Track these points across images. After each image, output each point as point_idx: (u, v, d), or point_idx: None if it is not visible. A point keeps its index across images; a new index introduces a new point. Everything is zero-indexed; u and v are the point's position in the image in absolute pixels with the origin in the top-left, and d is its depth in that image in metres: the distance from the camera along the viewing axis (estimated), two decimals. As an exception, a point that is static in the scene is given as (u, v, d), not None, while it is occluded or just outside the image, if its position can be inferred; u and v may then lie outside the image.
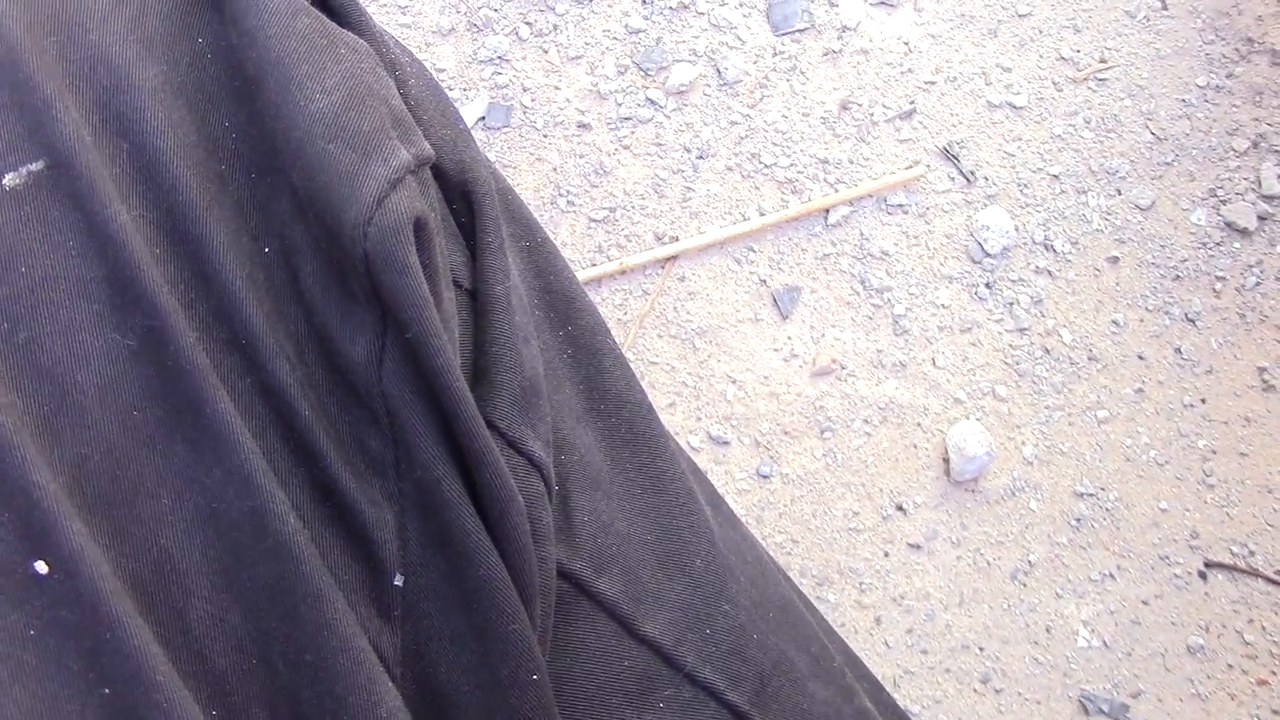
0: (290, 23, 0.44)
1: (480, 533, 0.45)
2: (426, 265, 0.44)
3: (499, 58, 1.30)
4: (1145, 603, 1.21)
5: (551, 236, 1.24)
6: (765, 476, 1.21)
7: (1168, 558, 1.22)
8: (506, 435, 0.47)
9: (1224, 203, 1.30)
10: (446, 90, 1.31)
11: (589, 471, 0.54)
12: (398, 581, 0.45)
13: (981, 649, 1.19)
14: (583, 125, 1.29)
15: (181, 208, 0.41)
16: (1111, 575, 1.22)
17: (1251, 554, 1.22)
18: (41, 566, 0.35)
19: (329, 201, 0.42)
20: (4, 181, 0.39)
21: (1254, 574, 1.22)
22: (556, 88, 1.29)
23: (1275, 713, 1.18)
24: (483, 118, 1.28)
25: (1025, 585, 1.21)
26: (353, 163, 0.42)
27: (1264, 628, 1.21)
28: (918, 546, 1.21)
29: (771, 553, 1.18)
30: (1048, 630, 1.20)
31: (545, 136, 1.28)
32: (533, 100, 1.29)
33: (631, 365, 0.64)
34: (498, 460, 0.45)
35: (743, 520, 0.68)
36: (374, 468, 0.44)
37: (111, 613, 0.36)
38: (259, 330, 0.42)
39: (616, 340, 0.61)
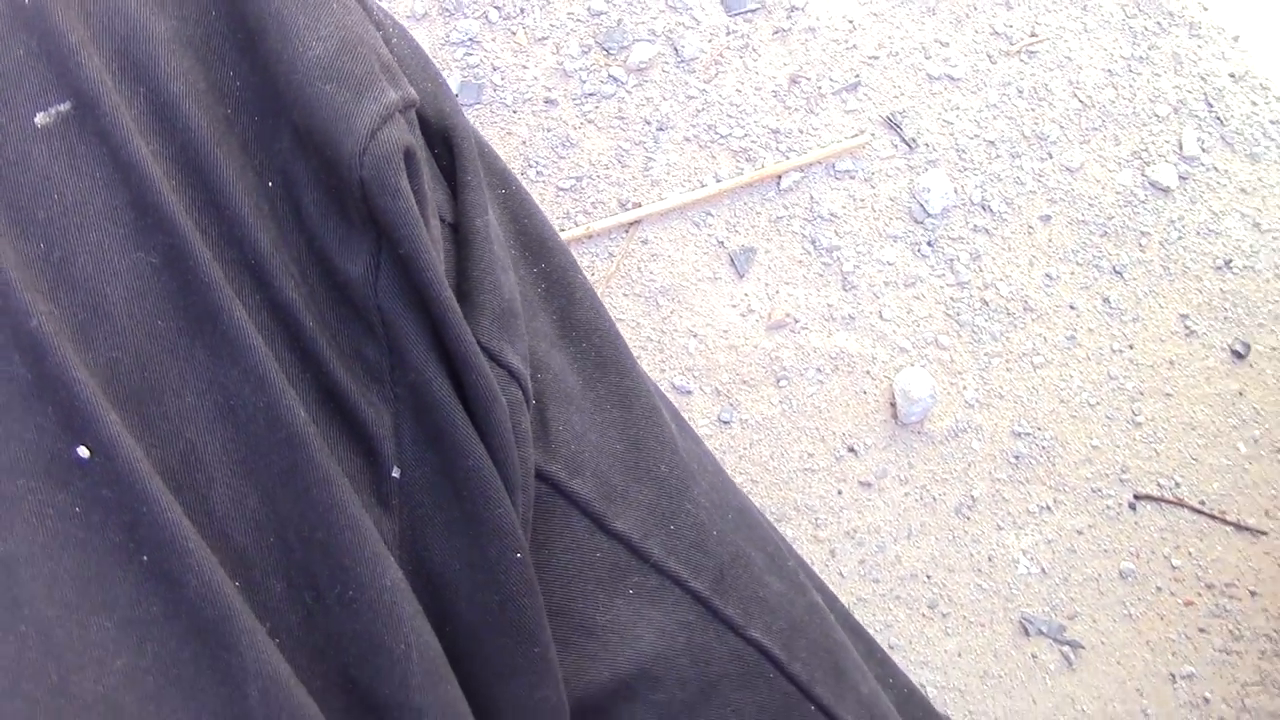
0: None
1: (468, 427, 0.47)
2: (415, 191, 0.46)
3: (470, 40, 1.34)
4: (1080, 532, 1.27)
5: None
6: (726, 422, 1.27)
7: (1100, 491, 1.29)
8: (488, 349, 0.49)
9: (1147, 164, 1.38)
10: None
11: (563, 388, 0.57)
12: (395, 474, 0.47)
13: (929, 577, 1.25)
14: (549, 101, 1.34)
15: (193, 144, 0.43)
16: (1048, 508, 1.28)
17: (1177, 486, 1.29)
18: (83, 451, 0.38)
19: (327, 135, 0.44)
20: (36, 120, 0.41)
21: (1179, 504, 1.29)
22: (524, 67, 1.34)
23: (1201, 630, 1.25)
24: (455, 95, 1.33)
25: (968, 518, 1.27)
26: (348, 100, 0.44)
27: (1189, 553, 1.28)
28: (868, 485, 1.27)
29: (732, 492, 1.24)
30: (990, 559, 1.26)
31: (514, 112, 1.33)
32: (502, 79, 1.34)
33: (573, 255, 0.67)
34: (482, 363, 0.48)
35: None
36: (371, 374, 0.47)
37: (147, 490, 0.38)
38: (265, 252, 0.44)
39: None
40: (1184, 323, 1.34)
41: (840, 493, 1.26)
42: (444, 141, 0.52)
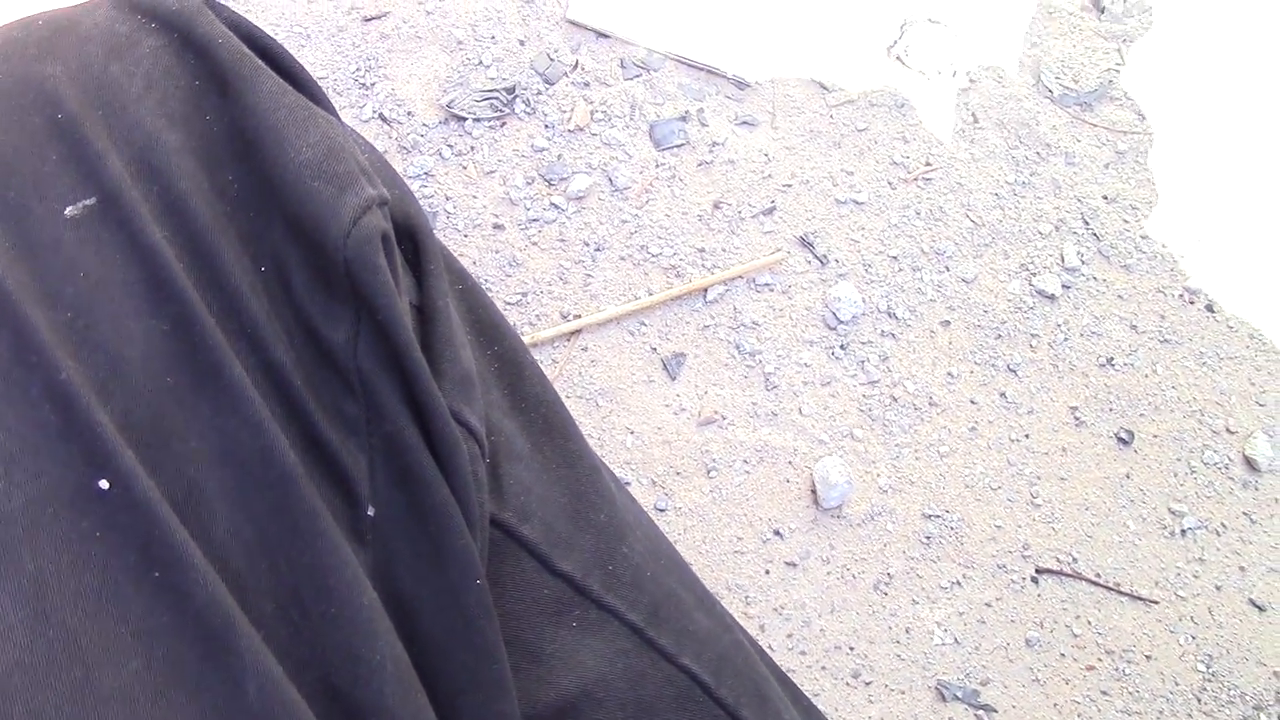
0: (281, 98, 0.52)
1: (434, 469, 0.51)
2: (390, 269, 0.51)
3: (425, 174, 1.46)
4: (988, 605, 1.36)
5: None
6: (661, 510, 1.35)
7: (1005, 566, 1.38)
8: (450, 408, 0.53)
9: (1034, 275, 1.52)
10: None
11: (513, 449, 0.62)
12: (370, 512, 0.51)
13: (851, 648, 1.32)
14: (497, 226, 1.46)
15: (199, 233, 0.48)
16: (958, 583, 1.37)
17: (1075, 560, 1.39)
18: (104, 484, 0.41)
19: (316, 224, 0.49)
20: (66, 212, 0.46)
21: (1078, 577, 1.39)
22: (475, 197, 1.46)
23: (1103, 693, 1.34)
24: None
25: (886, 594, 1.35)
26: (334, 194, 0.50)
27: (1089, 622, 1.37)
28: (793, 565, 1.34)
29: (669, 574, 1.32)
30: (907, 631, 1.34)
31: (466, 236, 1.44)
32: (454, 207, 1.46)
33: (523, 340, 0.76)
34: (447, 414, 0.52)
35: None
36: (349, 427, 0.51)
37: (158, 515, 0.41)
38: (260, 322, 0.48)
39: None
40: (1074, 414, 1.47)
41: (768, 572, 1.34)
42: (410, 237, 0.58)
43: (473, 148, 1.50)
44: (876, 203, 1.54)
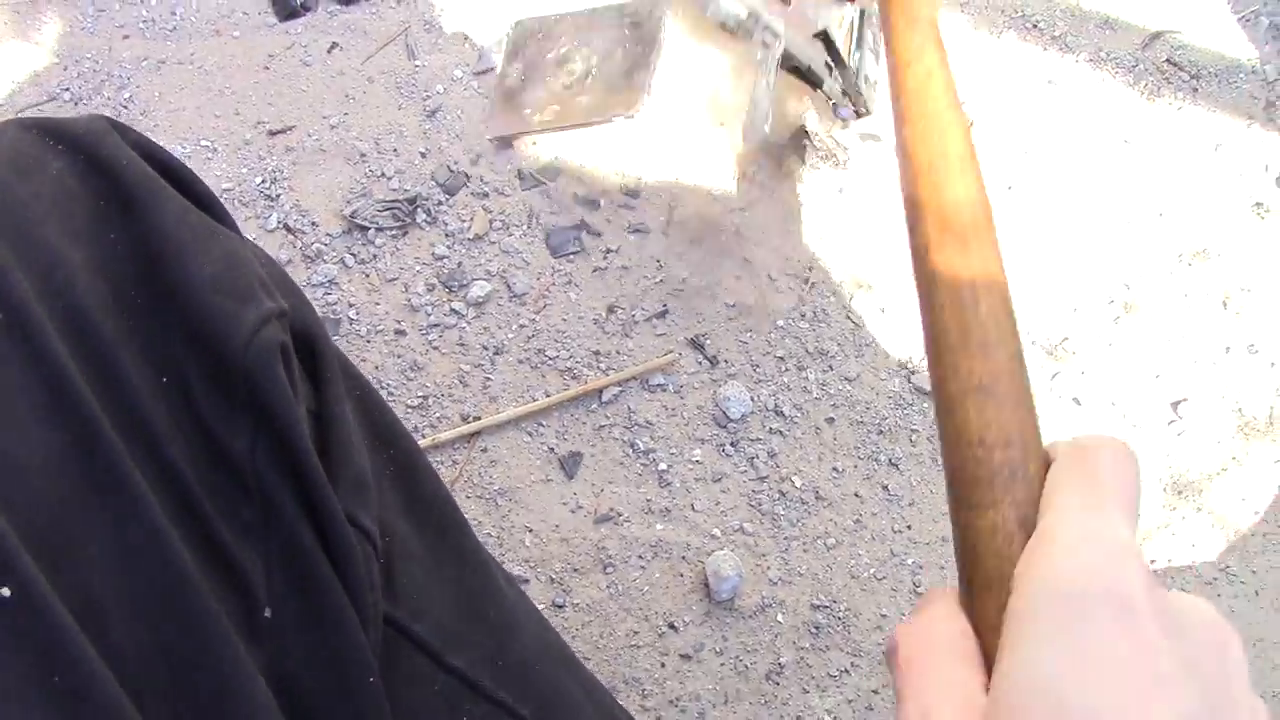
0: (184, 216, 0.54)
1: (329, 571, 0.53)
2: (289, 379, 0.52)
3: (330, 281, 1.50)
4: (875, 691, 1.40)
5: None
6: (560, 606, 1.38)
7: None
8: (345, 512, 0.55)
9: (912, 373, 1.59)
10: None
11: (407, 549, 0.63)
12: (266, 613, 0.52)
13: None
14: (399, 332, 1.49)
15: (101, 346, 0.48)
16: (847, 671, 1.41)
17: None
18: (5, 590, 0.40)
19: (217, 336, 0.50)
20: None
21: None
22: (377, 303, 1.50)
23: None
24: None
25: (778, 683, 1.39)
26: (234, 308, 0.51)
27: None
28: (688, 657, 1.38)
29: (567, 669, 1.35)
30: (798, 719, 1.40)
31: (368, 342, 1.48)
32: (357, 314, 1.49)
33: (417, 442, 0.79)
34: (342, 519, 0.54)
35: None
36: (246, 531, 0.52)
37: (58, 621, 0.41)
38: (160, 431, 0.49)
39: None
40: (952, 505, 1.53)
41: (664, 665, 1.38)
42: (307, 346, 0.59)
43: (375, 256, 1.54)
44: (763, 307, 1.60)
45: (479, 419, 1.47)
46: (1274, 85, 1.79)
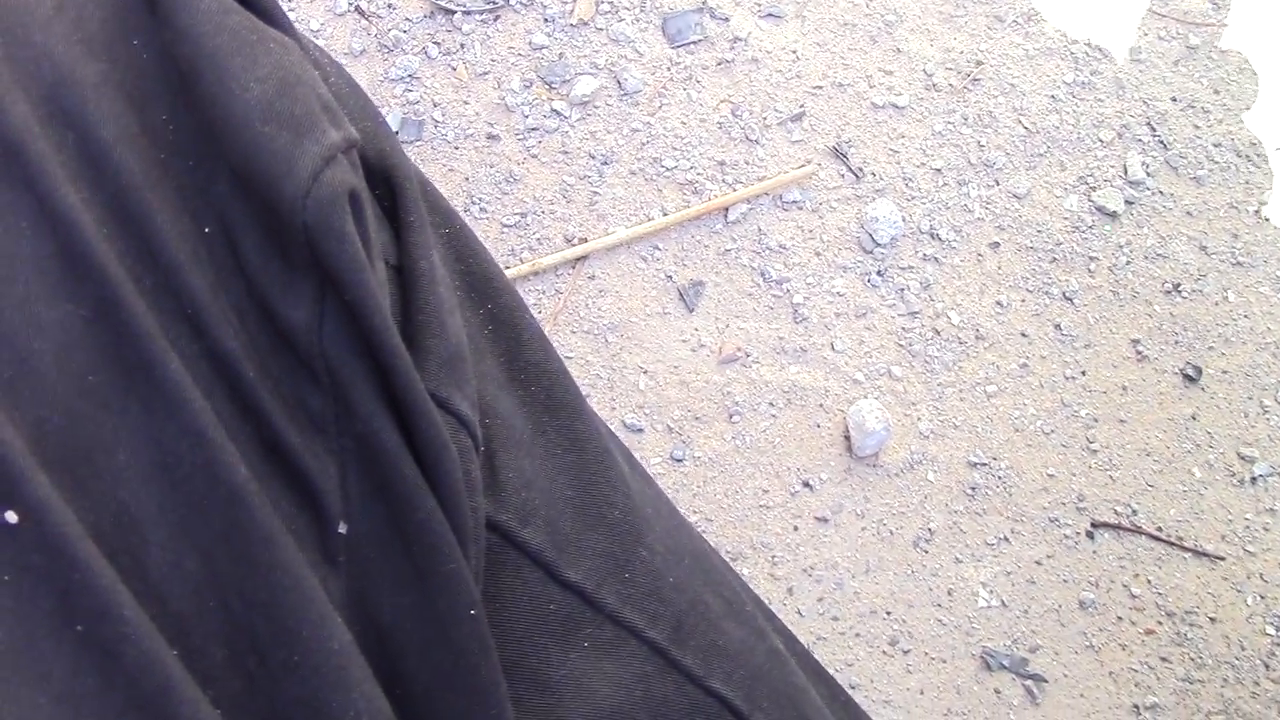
0: (222, 19, 0.45)
1: (418, 479, 0.46)
2: (360, 234, 0.45)
3: (409, 76, 1.33)
4: (1038, 563, 1.27)
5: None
6: (679, 460, 1.25)
7: (1057, 520, 1.28)
8: (436, 395, 0.48)
9: (1093, 189, 1.38)
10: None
11: (512, 434, 0.56)
12: (341, 529, 0.46)
13: (888, 613, 1.23)
14: (492, 137, 1.33)
15: (125, 191, 0.42)
16: (1006, 539, 1.27)
17: (1134, 513, 1.29)
18: (11, 516, 0.36)
19: (268, 178, 0.43)
20: None
21: (1137, 531, 1.28)
22: (465, 102, 1.33)
23: (1163, 660, 1.24)
24: (396, 132, 1.31)
25: (927, 552, 1.26)
26: (288, 142, 0.44)
27: (1149, 581, 1.27)
28: (824, 520, 1.25)
29: (687, 532, 1.22)
30: (949, 593, 1.25)
31: (456, 148, 1.32)
32: (443, 115, 1.32)
33: (521, 297, 0.67)
34: (431, 410, 0.47)
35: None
36: (315, 425, 0.45)
37: (79, 556, 0.37)
38: (203, 300, 0.43)
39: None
40: (1135, 348, 1.34)
41: (796, 529, 1.25)
42: (385, 181, 0.52)
43: (463, 45, 1.36)
44: (918, 107, 1.40)
45: (585, 240, 1.31)
46: None
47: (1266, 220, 1.41)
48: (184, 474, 0.41)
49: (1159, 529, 1.29)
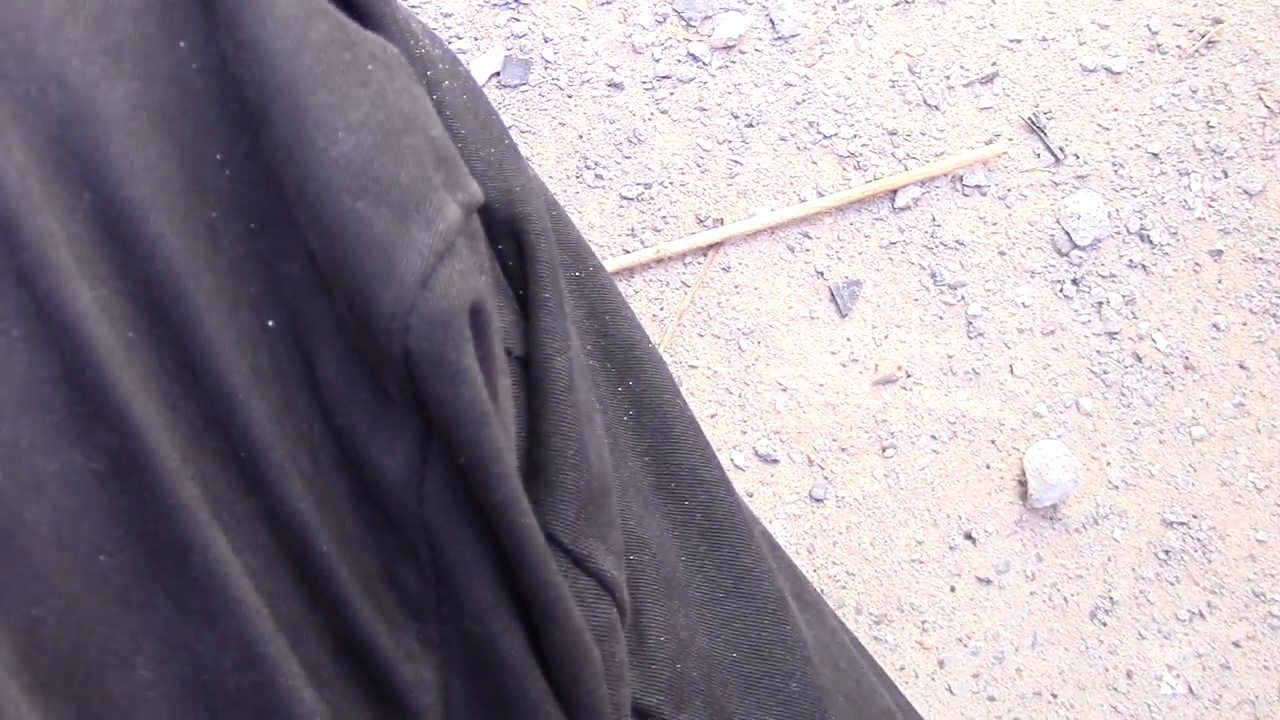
0: (304, 32, 0.36)
1: (547, 702, 0.40)
2: (484, 360, 0.37)
3: (517, 1, 1.18)
4: (1237, 644, 1.14)
5: (583, 226, 1.11)
6: (819, 500, 1.12)
7: (1263, 595, 1.15)
8: (572, 551, 0.43)
9: None
10: (455, 40, 1.15)
11: (663, 572, 0.50)
12: None
13: (1055, 696, 1.12)
14: (614, 84, 1.19)
15: (160, 278, 0.35)
16: (1200, 614, 1.14)
17: None
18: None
19: (358, 278, 0.35)
20: None
21: None
22: (583, 39, 1.19)
23: None
24: (497, 73, 1.13)
25: (1105, 625, 1.13)
26: (388, 226, 0.36)
27: None
28: (988, 581, 1.13)
29: (825, 587, 1.08)
30: (1129, 675, 1.13)
31: (570, 97, 1.17)
32: (555, 53, 1.18)
33: (669, 369, 0.62)
34: (571, 613, 0.40)
35: (792, 554, 0.59)
36: (410, 610, 0.40)
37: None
38: (263, 437, 0.36)
39: (653, 340, 0.56)
40: (1375, 389, 1.16)
41: (954, 589, 1.13)
42: (512, 235, 0.45)
43: None
44: (1137, 73, 1.22)
45: (721, 223, 1.16)
46: None
47: None
48: (227, 699, 0.36)
49: (1385, 613, 1.12)
